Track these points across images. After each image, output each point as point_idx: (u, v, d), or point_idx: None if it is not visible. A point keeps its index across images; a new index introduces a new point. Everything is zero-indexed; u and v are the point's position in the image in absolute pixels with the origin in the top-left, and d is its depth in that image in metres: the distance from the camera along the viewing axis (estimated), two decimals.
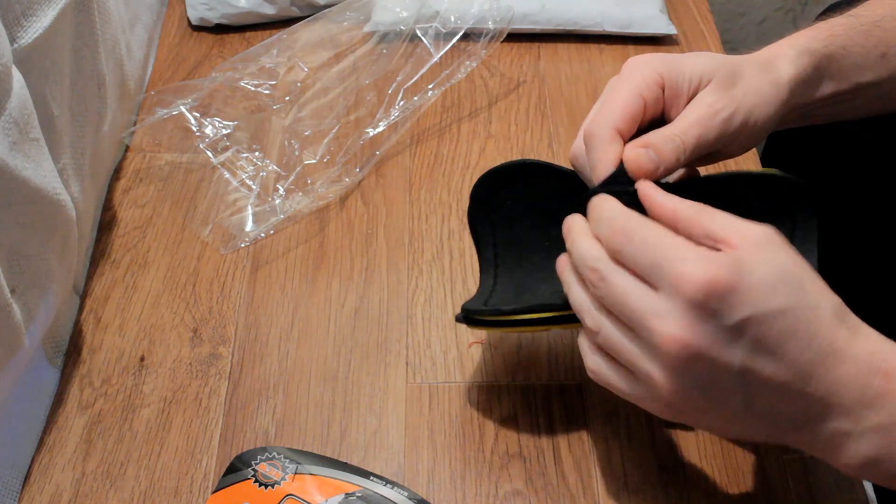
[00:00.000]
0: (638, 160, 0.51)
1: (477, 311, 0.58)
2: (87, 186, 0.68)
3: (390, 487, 0.56)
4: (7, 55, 0.54)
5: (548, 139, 0.80)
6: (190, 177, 0.77)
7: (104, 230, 0.74)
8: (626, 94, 0.54)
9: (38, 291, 0.59)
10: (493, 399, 0.62)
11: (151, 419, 0.62)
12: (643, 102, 0.54)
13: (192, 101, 0.80)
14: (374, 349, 0.65)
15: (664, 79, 0.54)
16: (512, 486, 0.58)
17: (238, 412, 0.62)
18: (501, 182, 0.61)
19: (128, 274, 0.71)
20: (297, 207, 0.74)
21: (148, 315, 0.68)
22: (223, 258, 0.72)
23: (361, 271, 0.70)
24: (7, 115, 0.54)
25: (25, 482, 0.59)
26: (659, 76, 0.54)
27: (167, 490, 0.59)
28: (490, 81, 0.85)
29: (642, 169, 0.51)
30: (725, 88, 0.54)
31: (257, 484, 0.56)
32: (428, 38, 0.82)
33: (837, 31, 0.59)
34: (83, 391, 0.64)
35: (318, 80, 0.81)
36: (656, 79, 0.54)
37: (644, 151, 0.52)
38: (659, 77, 0.54)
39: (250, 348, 0.66)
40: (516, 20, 0.85)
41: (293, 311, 0.68)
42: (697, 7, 0.93)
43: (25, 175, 0.55)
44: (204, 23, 0.90)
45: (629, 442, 0.60)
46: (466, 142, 0.80)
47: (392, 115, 0.78)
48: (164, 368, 0.65)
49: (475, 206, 0.61)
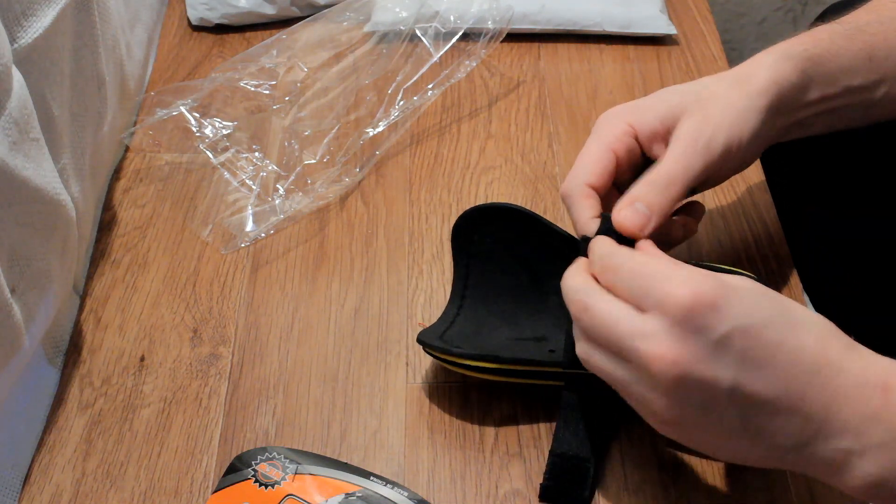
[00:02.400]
0: (627, 221, 0.52)
1: (430, 344, 0.59)
2: (87, 186, 0.68)
3: (390, 487, 0.56)
4: (7, 55, 0.54)
5: (548, 139, 0.80)
6: (190, 177, 0.77)
7: (104, 230, 0.74)
8: (595, 151, 0.55)
9: (38, 291, 0.59)
10: (493, 399, 0.62)
11: (151, 419, 0.62)
12: (614, 156, 0.55)
13: (192, 102, 0.80)
14: (374, 349, 0.65)
15: (634, 127, 0.56)
16: (512, 486, 0.58)
17: (238, 412, 0.62)
18: (487, 220, 0.63)
19: (128, 274, 0.71)
20: (297, 207, 0.74)
21: (148, 315, 0.68)
22: (223, 258, 0.72)
23: (361, 271, 0.70)
24: (7, 115, 0.54)
25: (25, 482, 0.59)
26: (628, 126, 0.56)
27: (167, 490, 0.59)
28: (490, 81, 0.85)
29: (636, 226, 0.52)
30: (700, 113, 0.55)
31: (257, 484, 0.56)
32: (428, 37, 0.82)
33: (820, 36, 0.59)
34: (83, 391, 0.64)
35: (317, 80, 0.81)
36: (625, 129, 0.56)
37: (631, 209, 0.52)
38: (628, 127, 0.56)
39: (250, 348, 0.66)
40: (516, 20, 0.85)
41: (293, 311, 0.68)
42: (697, 7, 0.93)
43: (25, 175, 0.55)
44: (204, 23, 0.90)
45: (629, 442, 0.60)
46: (466, 142, 0.80)
47: (392, 115, 0.78)
48: (164, 368, 0.65)
49: (456, 235, 0.64)
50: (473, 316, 0.63)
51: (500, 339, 0.61)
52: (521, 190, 0.76)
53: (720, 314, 0.43)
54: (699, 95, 0.56)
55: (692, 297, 0.43)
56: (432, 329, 0.61)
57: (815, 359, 0.44)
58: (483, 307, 0.63)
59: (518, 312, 0.62)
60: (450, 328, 0.61)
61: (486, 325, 0.62)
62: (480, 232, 0.63)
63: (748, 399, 0.44)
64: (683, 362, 0.44)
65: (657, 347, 0.44)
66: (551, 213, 0.73)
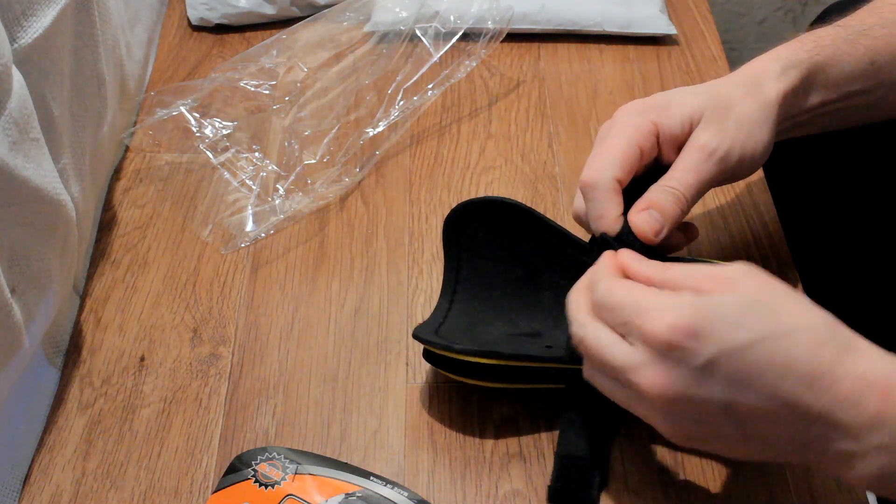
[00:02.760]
0: (645, 225, 0.53)
1: (428, 340, 0.58)
2: (87, 186, 0.68)
3: (390, 487, 0.56)
4: (7, 55, 0.54)
5: (548, 139, 0.80)
6: (190, 177, 0.77)
7: (104, 230, 0.74)
8: (624, 145, 0.54)
9: (38, 291, 0.59)
10: (493, 399, 0.62)
11: (151, 419, 0.62)
12: (640, 152, 0.55)
13: (191, 102, 0.80)
14: (374, 349, 0.65)
15: (658, 126, 0.55)
16: (512, 486, 0.58)
17: (238, 412, 0.62)
18: (479, 213, 0.63)
19: (128, 274, 0.71)
20: (297, 207, 0.74)
21: (148, 315, 0.68)
22: (223, 258, 0.72)
23: (361, 271, 0.70)
24: (7, 115, 0.54)
25: (25, 482, 0.59)
26: (653, 125, 0.55)
27: (167, 490, 0.59)
28: (490, 81, 0.85)
29: (652, 231, 0.53)
30: (718, 123, 0.55)
31: (257, 484, 0.56)
32: (427, 37, 0.82)
33: (824, 42, 0.59)
34: (83, 391, 0.64)
35: (317, 80, 0.81)
36: (651, 128, 0.55)
37: (648, 214, 0.53)
38: (653, 125, 0.55)
39: (250, 348, 0.66)
40: (516, 20, 0.85)
41: (293, 311, 0.68)
42: (697, 7, 0.93)
43: (25, 175, 0.55)
44: (204, 23, 0.90)
45: (629, 442, 0.60)
46: (466, 142, 0.80)
47: (392, 115, 0.78)
48: (164, 368, 0.65)
49: (448, 228, 0.63)
50: (466, 309, 0.62)
51: (496, 335, 0.61)
52: (521, 190, 0.76)
53: (700, 341, 0.44)
54: (718, 102, 0.55)
55: (669, 330, 0.44)
56: (426, 325, 0.61)
57: (806, 370, 0.43)
58: (476, 301, 0.63)
59: (512, 307, 0.62)
60: (444, 322, 0.61)
61: (480, 319, 0.62)
62: (473, 226, 0.63)
63: (744, 414, 0.45)
64: (672, 390, 0.45)
65: (645, 378, 0.46)
66: (551, 212, 0.73)
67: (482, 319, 0.62)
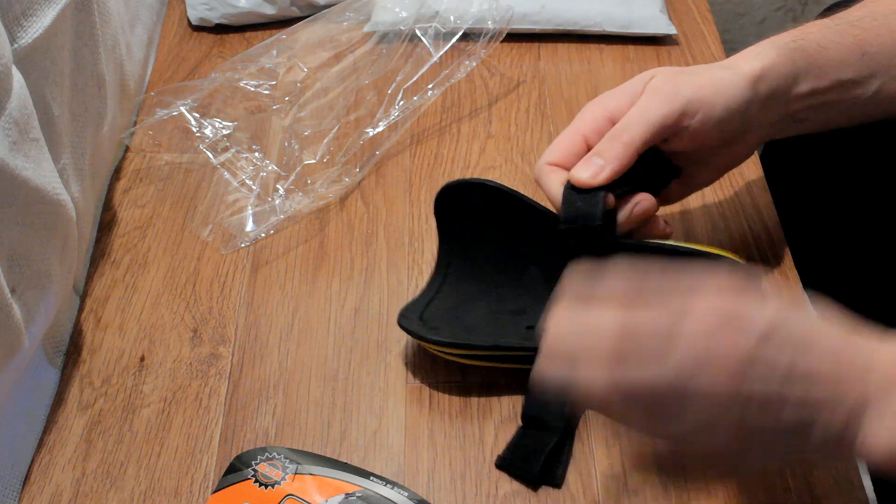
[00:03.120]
0: (578, 173, 0.56)
1: (409, 329, 0.61)
2: (87, 186, 0.68)
3: (390, 487, 0.56)
4: (7, 55, 0.54)
5: (547, 139, 0.80)
6: (190, 177, 0.77)
7: (104, 230, 0.74)
8: (566, 136, 0.59)
9: (38, 291, 0.59)
10: (493, 399, 0.62)
11: (151, 419, 0.62)
12: (582, 138, 0.58)
13: (191, 102, 0.80)
14: (374, 349, 0.65)
15: (608, 108, 0.58)
16: (512, 486, 0.58)
17: (238, 412, 0.62)
18: (467, 193, 0.64)
19: (128, 274, 0.71)
20: (297, 207, 0.74)
21: (148, 315, 0.68)
22: (223, 258, 0.72)
23: (361, 271, 0.70)
24: (7, 115, 0.54)
25: (25, 482, 0.59)
26: (607, 111, 0.58)
27: (167, 490, 0.59)
28: (490, 81, 0.85)
29: (589, 175, 0.56)
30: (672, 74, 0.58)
31: (257, 484, 0.56)
32: (427, 37, 0.82)
33: (810, 30, 0.60)
34: (83, 391, 0.64)
35: (317, 81, 0.81)
36: (604, 114, 0.59)
37: (583, 161, 0.57)
38: (607, 112, 0.58)
39: (250, 348, 0.66)
40: (516, 20, 0.85)
41: (293, 311, 0.68)
42: (697, 7, 0.93)
43: (25, 175, 0.55)
44: (204, 23, 0.90)
45: (629, 442, 0.60)
46: (466, 142, 0.80)
47: (392, 115, 0.78)
48: (164, 368, 0.65)
49: (439, 206, 0.65)
50: (456, 285, 0.64)
51: (479, 314, 0.63)
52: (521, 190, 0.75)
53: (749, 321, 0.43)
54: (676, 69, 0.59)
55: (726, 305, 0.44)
56: (414, 304, 0.63)
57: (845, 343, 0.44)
58: (467, 277, 0.65)
59: (499, 282, 0.64)
60: (432, 301, 0.63)
61: (468, 297, 0.64)
62: (462, 204, 0.64)
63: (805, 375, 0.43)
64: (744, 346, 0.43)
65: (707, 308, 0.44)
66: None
67: (470, 297, 0.64)
